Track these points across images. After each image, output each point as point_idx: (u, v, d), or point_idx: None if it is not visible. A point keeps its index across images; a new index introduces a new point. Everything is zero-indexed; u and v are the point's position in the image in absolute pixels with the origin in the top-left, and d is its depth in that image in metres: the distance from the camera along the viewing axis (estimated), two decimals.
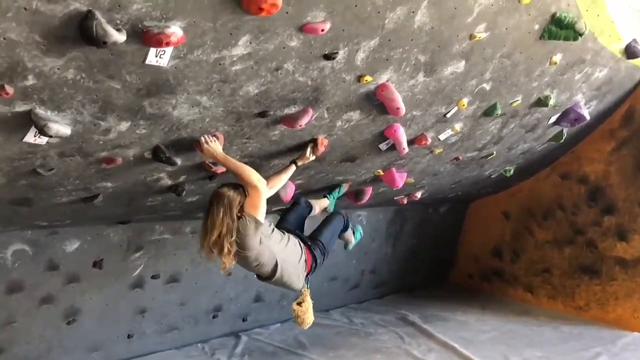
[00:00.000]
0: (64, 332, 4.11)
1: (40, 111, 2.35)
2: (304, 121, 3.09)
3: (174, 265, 4.63)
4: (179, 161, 3.01)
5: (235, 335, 5.23)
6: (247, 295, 5.31)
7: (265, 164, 3.56)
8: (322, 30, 2.55)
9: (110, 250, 4.16)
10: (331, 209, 4.31)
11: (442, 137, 4.13)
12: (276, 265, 3.11)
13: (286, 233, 3.31)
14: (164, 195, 3.55)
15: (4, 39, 1.99)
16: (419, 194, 5.52)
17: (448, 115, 3.84)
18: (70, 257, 3.95)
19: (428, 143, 4.00)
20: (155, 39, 2.20)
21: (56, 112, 2.39)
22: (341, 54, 2.79)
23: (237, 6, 2.25)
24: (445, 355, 4.74)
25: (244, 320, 5.36)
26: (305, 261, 3.30)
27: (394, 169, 4.39)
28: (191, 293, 4.76)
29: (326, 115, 3.24)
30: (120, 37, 2.12)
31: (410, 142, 3.99)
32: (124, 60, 2.27)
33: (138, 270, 4.39)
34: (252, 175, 2.93)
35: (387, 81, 3.18)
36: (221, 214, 2.86)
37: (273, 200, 3.56)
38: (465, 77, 3.51)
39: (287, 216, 3.75)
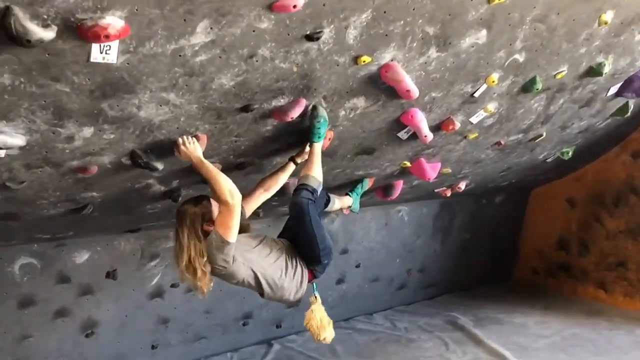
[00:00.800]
0: (84, 345, 4.02)
1: None
2: (295, 112, 2.73)
3: None
4: (160, 166, 2.75)
5: (267, 343, 4.98)
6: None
7: (266, 163, 3.25)
8: (294, 6, 2.18)
9: (123, 260, 4.01)
10: (356, 208, 3.92)
11: (474, 120, 3.63)
12: (258, 281, 2.79)
13: (278, 242, 2.97)
14: (162, 201, 3.33)
15: None
16: (462, 185, 5.01)
17: (476, 95, 3.34)
18: (81, 268, 3.84)
19: (456, 128, 3.52)
20: (91, 33, 1.92)
21: (4, 122, 2.19)
22: (327, 33, 2.41)
23: None
24: None
25: (277, 327, 5.10)
26: (302, 269, 2.94)
27: (422, 160, 3.93)
28: (216, 300, 4.55)
29: (324, 105, 2.87)
30: (46, 33, 1.86)
31: (436, 128, 3.54)
32: (65, 60, 2.02)
33: (155, 280, 4.23)
34: (224, 187, 2.55)
35: (392, 61, 2.76)
36: (186, 236, 2.58)
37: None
38: (490, 49, 3.01)
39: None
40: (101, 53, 2.06)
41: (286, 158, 3.20)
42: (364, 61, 2.65)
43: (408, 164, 3.94)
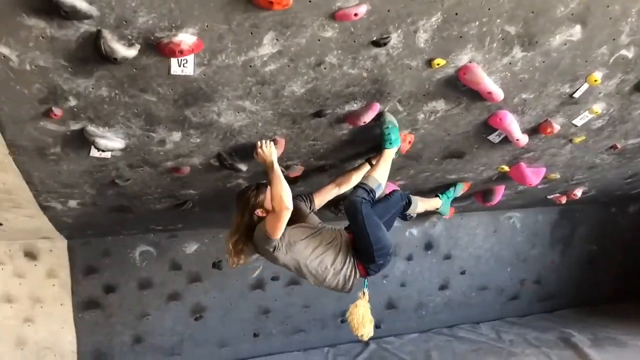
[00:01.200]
0: (193, 327, 4.46)
1: (92, 128, 2.53)
2: (368, 117, 2.77)
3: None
4: (243, 167, 2.98)
5: (364, 341, 5.04)
6: (377, 302, 5.06)
7: (347, 165, 3.32)
8: (356, 14, 2.22)
9: None
10: (445, 212, 3.81)
11: (578, 122, 3.33)
12: (301, 270, 2.93)
13: (336, 234, 3.01)
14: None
15: (35, 66, 2.17)
16: (578, 192, 4.60)
17: (576, 95, 3.07)
18: (191, 258, 4.26)
19: (555, 131, 3.26)
20: (168, 50, 2.17)
21: (107, 128, 2.55)
22: (395, 38, 2.41)
23: (248, 3, 2.10)
24: None
25: (377, 327, 5.11)
26: (353, 266, 2.97)
27: (522, 164, 3.70)
28: (314, 296, 4.73)
29: (400, 108, 2.86)
30: (128, 52, 2.14)
31: (533, 131, 3.32)
32: (150, 74, 2.30)
33: (257, 272, 4.53)
34: (280, 194, 2.67)
35: (470, 62, 2.67)
36: (239, 217, 2.91)
37: None
38: (589, 45, 2.76)
39: (374, 208, 3.07)
40: (179, 66, 2.31)
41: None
42: (439, 64, 2.59)
43: (506, 168, 3.74)
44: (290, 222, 2.83)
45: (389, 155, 2.94)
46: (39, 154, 2.69)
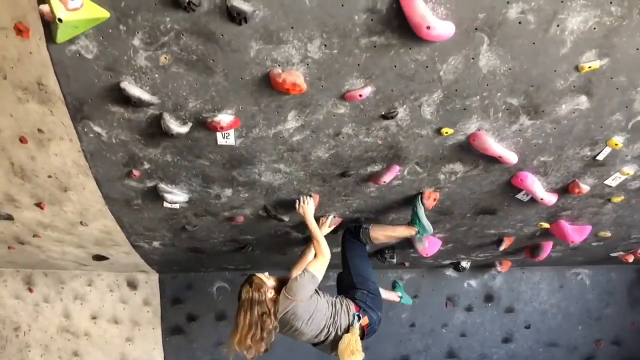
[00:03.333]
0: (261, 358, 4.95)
1: (162, 185, 3.21)
2: (387, 177, 3.15)
3: None
4: (286, 218, 3.48)
5: None
6: (438, 350, 5.20)
7: (382, 218, 3.67)
8: (360, 95, 2.67)
9: None
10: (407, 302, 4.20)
11: (611, 182, 3.38)
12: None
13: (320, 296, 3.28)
14: (304, 245, 4.04)
15: (119, 140, 2.90)
16: None
17: (599, 158, 3.17)
18: None
19: (584, 191, 3.35)
20: (211, 126, 2.79)
21: (173, 185, 3.22)
22: (402, 112, 2.80)
23: (272, 89, 2.65)
24: None
25: None
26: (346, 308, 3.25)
27: (562, 222, 3.78)
28: (372, 339, 4.97)
29: (420, 170, 3.20)
30: (182, 129, 2.79)
31: (563, 191, 3.44)
32: (201, 144, 2.93)
33: None
34: (323, 245, 3.20)
35: (479, 130, 2.96)
36: (256, 314, 3.07)
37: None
38: (600, 113, 2.90)
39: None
40: (223, 138, 2.91)
41: (400, 215, 3.60)
42: (447, 132, 2.92)
43: (546, 225, 3.83)
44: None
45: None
46: (126, 205, 3.44)
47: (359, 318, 3.22)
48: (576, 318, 5.29)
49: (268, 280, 3.17)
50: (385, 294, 4.00)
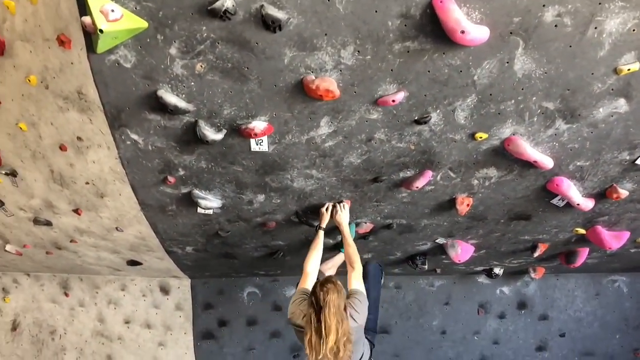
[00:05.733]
0: None
1: (196, 191, 3.26)
2: (420, 183, 3.13)
3: (382, 317, 4.92)
4: (316, 223, 3.49)
5: None
6: (470, 357, 5.12)
7: (414, 224, 3.65)
8: (393, 101, 2.67)
9: None
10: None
11: None
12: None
13: None
14: (335, 251, 4.04)
15: (155, 147, 2.96)
16: None
17: (639, 162, 3.10)
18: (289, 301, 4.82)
19: (622, 196, 3.27)
20: (245, 132, 2.82)
21: (208, 191, 3.26)
22: (435, 117, 2.79)
23: (305, 96, 2.67)
24: None
25: None
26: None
27: (599, 227, 3.69)
28: (403, 346, 4.97)
29: (453, 175, 3.17)
30: (216, 136, 2.83)
31: (601, 196, 3.37)
32: (235, 150, 2.97)
33: None
34: (357, 254, 3.17)
35: (514, 134, 2.92)
36: (334, 320, 2.65)
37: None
38: (639, 116, 2.84)
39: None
40: (257, 145, 2.94)
41: (433, 220, 3.57)
42: (481, 137, 2.89)
43: (582, 230, 3.75)
44: None
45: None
46: (161, 211, 3.50)
47: None
48: (613, 326, 5.14)
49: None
50: (332, 263, 3.88)
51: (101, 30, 2.26)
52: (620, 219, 3.66)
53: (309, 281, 3.09)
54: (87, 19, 2.29)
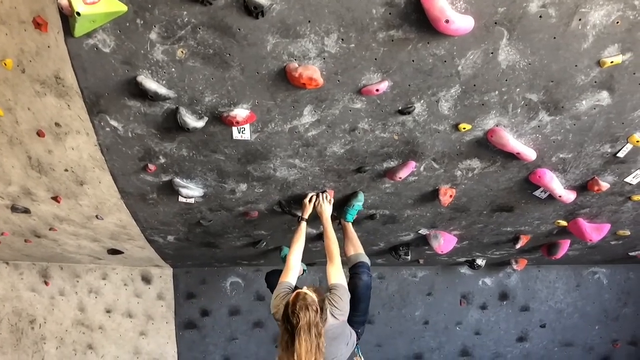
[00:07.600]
0: (274, 353, 4.94)
1: (178, 180, 3.21)
2: (404, 174, 3.12)
3: None
4: (299, 213, 3.47)
5: None
6: (451, 348, 5.17)
7: (397, 215, 3.65)
8: (377, 90, 2.65)
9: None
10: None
11: (631, 180, 3.32)
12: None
13: None
14: (318, 242, 4.03)
15: (135, 134, 2.90)
16: None
17: (620, 155, 3.12)
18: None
19: (603, 188, 3.30)
20: (227, 121, 2.78)
21: (189, 179, 3.22)
22: (419, 107, 2.78)
23: (288, 84, 2.63)
24: None
25: None
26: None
27: (581, 220, 3.72)
28: (386, 336, 4.99)
29: (436, 166, 3.17)
30: (197, 123, 2.78)
31: (582, 189, 3.39)
32: (217, 138, 2.93)
33: None
34: (336, 247, 3.15)
35: (497, 126, 2.92)
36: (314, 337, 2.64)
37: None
38: (622, 109, 2.84)
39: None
40: (239, 133, 2.90)
41: (415, 212, 3.57)
42: (465, 128, 2.89)
43: (564, 223, 3.78)
44: None
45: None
46: (141, 199, 3.45)
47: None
48: (593, 318, 5.22)
49: (314, 295, 2.77)
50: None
51: (78, 13, 2.19)
52: (601, 211, 3.69)
53: (291, 274, 3.08)
54: (63, 1, 2.22)
